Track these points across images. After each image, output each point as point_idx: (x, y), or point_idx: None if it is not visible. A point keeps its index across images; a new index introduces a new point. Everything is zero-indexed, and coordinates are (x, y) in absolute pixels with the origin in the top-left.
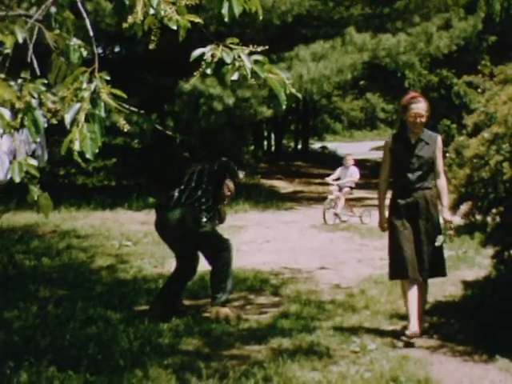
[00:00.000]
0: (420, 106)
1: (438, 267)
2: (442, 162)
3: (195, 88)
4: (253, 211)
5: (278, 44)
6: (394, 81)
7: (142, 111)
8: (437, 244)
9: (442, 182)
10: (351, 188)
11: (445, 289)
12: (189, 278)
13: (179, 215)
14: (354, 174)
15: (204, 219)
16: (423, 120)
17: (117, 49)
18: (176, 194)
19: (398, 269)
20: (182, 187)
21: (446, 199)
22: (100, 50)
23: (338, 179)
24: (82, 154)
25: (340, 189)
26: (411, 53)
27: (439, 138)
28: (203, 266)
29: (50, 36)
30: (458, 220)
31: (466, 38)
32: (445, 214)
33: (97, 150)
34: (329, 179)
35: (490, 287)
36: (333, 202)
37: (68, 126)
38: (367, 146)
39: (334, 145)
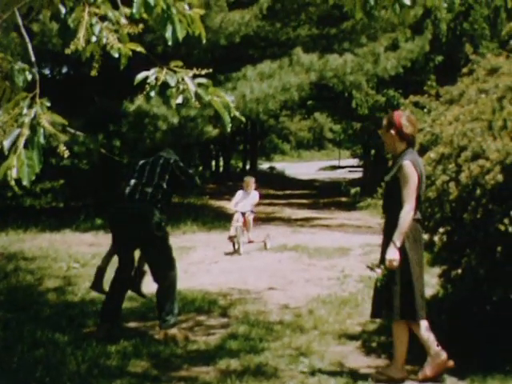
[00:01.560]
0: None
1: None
2: (406, 190)
3: (140, 108)
4: (201, 232)
5: (226, 64)
6: (341, 101)
7: (84, 134)
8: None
9: (401, 213)
10: (252, 212)
11: None
12: (125, 288)
13: (142, 211)
14: (255, 198)
15: (163, 222)
16: (382, 131)
17: (64, 69)
18: (139, 187)
19: None
20: (144, 181)
21: (397, 233)
22: (47, 71)
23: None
24: (19, 179)
25: (243, 214)
26: (358, 73)
27: (404, 163)
28: (151, 287)
29: None
30: None
31: (413, 60)
32: (388, 249)
33: (33, 177)
34: (232, 206)
35: (437, 306)
36: (241, 229)
37: (6, 153)
38: (315, 166)
39: (281, 165)
